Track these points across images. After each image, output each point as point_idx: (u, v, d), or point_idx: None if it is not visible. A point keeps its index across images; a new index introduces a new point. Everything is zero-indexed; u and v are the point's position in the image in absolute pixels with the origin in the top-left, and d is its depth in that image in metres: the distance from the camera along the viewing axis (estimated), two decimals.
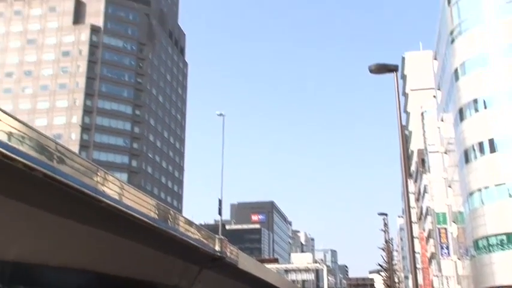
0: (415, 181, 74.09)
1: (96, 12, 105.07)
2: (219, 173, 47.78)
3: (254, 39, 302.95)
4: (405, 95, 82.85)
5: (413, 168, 75.46)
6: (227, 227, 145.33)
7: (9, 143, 15.90)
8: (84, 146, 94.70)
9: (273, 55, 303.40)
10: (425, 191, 60.75)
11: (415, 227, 70.41)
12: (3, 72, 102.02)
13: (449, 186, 47.03)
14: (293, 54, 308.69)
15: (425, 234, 62.90)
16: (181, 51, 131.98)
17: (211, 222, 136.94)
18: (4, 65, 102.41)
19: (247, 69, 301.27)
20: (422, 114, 61.49)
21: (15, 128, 16.38)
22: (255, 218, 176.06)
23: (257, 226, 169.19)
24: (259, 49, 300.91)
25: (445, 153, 48.73)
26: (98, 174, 21.05)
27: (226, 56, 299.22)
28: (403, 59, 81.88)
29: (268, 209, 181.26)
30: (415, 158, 71.25)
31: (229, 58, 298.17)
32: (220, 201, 42.75)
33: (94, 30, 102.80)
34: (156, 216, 26.36)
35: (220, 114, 45.18)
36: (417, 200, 73.29)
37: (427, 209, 60.05)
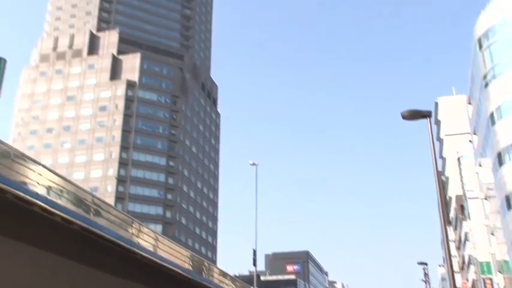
0: (455, 228, 71.63)
1: (131, 68, 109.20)
2: (253, 223, 47.42)
3: (286, 87, 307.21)
4: (440, 140, 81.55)
5: (452, 215, 73.16)
6: (262, 278, 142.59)
7: (48, 197, 16.30)
8: (119, 198, 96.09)
9: (304, 102, 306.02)
10: (466, 239, 58.54)
11: (458, 277, 67.48)
12: (44, 128, 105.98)
13: (492, 234, 45.22)
14: (325, 100, 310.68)
15: (469, 284, 60.10)
16: (214, 102, 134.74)
17: (246, 273, 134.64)
18: (45, 121, 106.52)
19: (280, 116, 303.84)
20: (458, 159, 60.18)
21: (54, 182, 16.84)
22: (290, 268, 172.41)
23: (292, 277, 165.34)
24: (291, 96, 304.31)
25: (485, 199, 47.18)
26: (133, 226, 21.23)
27: (259, 103, 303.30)
28: (436, 104, 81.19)
29: (304, 259, 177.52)
30: (453, 205, 69.18)
31: (262, 105, 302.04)
32: (254, 252, 42.21)
33: (130, 85, 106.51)
34: (191, 268, 26.17)
35: (253, 164, 45.38)
36: (458, 248, 70.57)
37: (469, 258, 57.67)
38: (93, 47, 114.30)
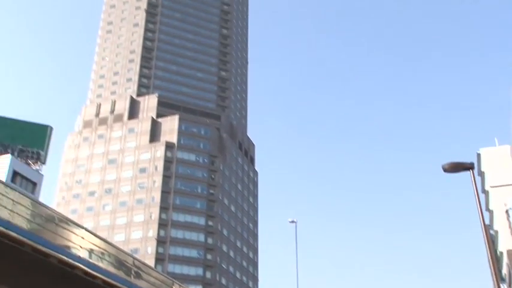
0: (510, 285, 67.63)
1: (170, 130, 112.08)
2: (294, 282, 46.24)
3: (322, 141, 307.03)
4: (485, 192, 78.76)
5: (505, 271, 69.32)
6: None
7: (90, 260, 16.46)
8: (159, 259, 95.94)
9: (341, 156, 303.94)
10: None
11: None
12: (86, 191, 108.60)
13: None
14: (362, 153, 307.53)
15: None
16: (251, 160, 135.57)
17: None
18: (88, 184, 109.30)
19: (318, 172, 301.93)
20: (507, 211, 57.79)
21: (96, 245, 17.05)
22: None
23: None
24: (328, 151, 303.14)
25: None
26: (173, 287, 21.07)
27: (297, 159, 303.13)
28: (479, 155, 79.12)
29: None
30: (505, 260, 65.69)
31: (300, 162, 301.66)
32: None
33: (168, 146, 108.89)
34: None
35: (292, 221, 44.91)
36: None
37: None
38: (133, 111, 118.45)
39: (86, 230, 16.99)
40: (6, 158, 48.63)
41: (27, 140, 59.14)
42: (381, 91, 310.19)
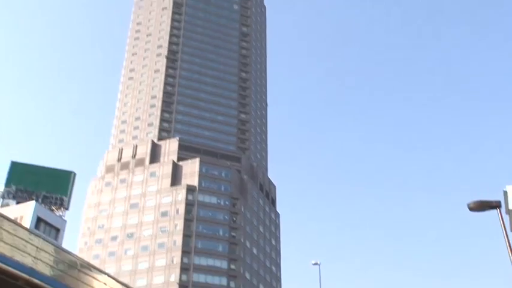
0: None
1: (191, 173, 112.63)
2: None
3: (344, 182, 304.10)
4: None
5: None
6: None
7: None
8: None
9: (363, 196, 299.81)
10: None
11: None
12: (109, 236, 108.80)
13: None
14: (384, 192, 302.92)
15: None
16: (273, 202, 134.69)
17: None
18: (110, 229, 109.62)
19: (341, 213, 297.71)
20: None
21: None
22: None
23: None
24: (350, 190, 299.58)
25: None
26: None
27: (319, 199, 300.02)
28: (505, 192, 77.29)
29: None
30: None
31: (322, 202, 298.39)
32: None
33: (190, 189, 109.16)
34: None
35: (316, 264, 44.09)
36: None
37: None
38: (154, 155, 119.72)
39: (108, 275, 16.94)
40: (31, 205, 49.34)
41: (51, 186, 60.06)
42: (404, 131, 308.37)
